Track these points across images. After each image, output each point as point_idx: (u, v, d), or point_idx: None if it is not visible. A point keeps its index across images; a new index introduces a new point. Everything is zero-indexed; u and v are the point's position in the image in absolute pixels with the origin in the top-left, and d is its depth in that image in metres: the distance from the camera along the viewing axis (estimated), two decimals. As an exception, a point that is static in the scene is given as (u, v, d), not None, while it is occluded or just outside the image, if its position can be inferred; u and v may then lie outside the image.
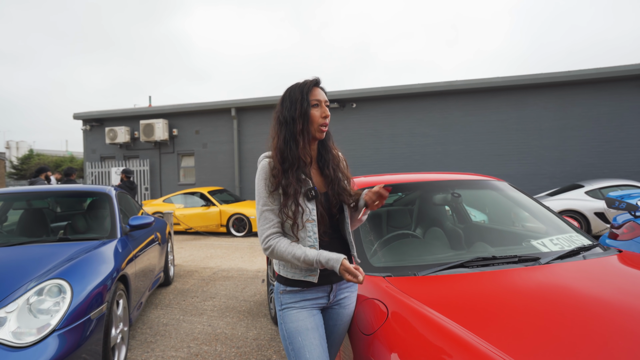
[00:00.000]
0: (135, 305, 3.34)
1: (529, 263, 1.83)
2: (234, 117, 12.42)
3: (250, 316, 3.87)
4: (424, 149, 11.13)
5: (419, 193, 2.91)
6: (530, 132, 10.38)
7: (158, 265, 4.43)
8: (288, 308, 1.50)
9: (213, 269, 5.97)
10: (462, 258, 1.89)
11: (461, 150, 10.85)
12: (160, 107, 13.32)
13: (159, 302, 4.37)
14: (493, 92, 10.61)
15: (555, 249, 2.08)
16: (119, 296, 2.78)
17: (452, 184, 2.77)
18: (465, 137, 10.81)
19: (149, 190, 13.39)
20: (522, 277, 1.75)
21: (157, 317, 3.91)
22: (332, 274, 1.51)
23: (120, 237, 3.32)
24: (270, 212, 1.44)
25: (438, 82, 10.75)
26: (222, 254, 7.26)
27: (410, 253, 2.16)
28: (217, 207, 9.84)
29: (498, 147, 10.59)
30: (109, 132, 13.09)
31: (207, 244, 8.48)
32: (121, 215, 3.63)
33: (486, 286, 1.63)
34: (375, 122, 11.52)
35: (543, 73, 10.05)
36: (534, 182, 10.34)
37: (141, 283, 3.56)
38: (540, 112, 10.30)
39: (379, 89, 11.22)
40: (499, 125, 10.58)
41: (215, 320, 3.79)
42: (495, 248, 2.19)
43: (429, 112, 11.10)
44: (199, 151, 13.07)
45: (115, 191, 3.89)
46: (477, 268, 1.78)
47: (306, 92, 1.47)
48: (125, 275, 2.97)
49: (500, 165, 10.58)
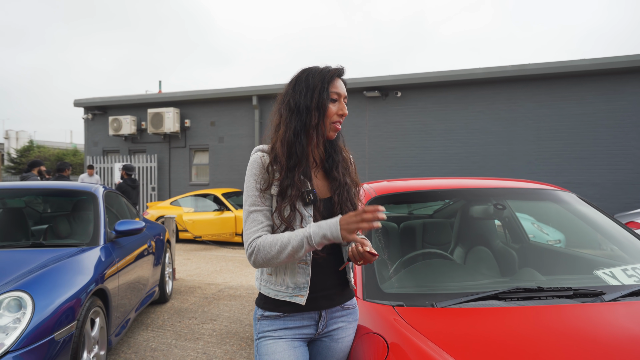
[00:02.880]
0: (118, 325, 3.43)
1: (587, 299, 1.70)
2: (256, 107, 12.59)
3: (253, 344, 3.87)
4: (485, 149, 10.78)
5: (460, 204, 2.80)
6: (624, 129, 9.79)
7: (151, 278, 4.55)
8: (264, 337, 1.49)
9: (219, 286, 6.06)
10: (498, 287, 1.79)
11: (532, 152, 10.42)
12: (171, 94, 13.72)
13: (150, 323, 4.47)
14: (576, 79, 10.11)
15: (629, 282, 1.92)
16: (94, 314, 2.86)
17: (501, 192, 2.65)
18: (538, 135, 10.37)
19: (156, 190, 13.85)
20: (575, 316, 1.62)
21: (145, 340, 4.00)
22: (321, 298, 1.48)
23: (103, 245, 3.43)
24: (259, 214, 1.43)
25: (504, 66, 10.39)
26: (233, 268, 7.37)
27: (435, 278, 2.07)
28: (233, 212, 10.00)
29: (581, 148, 10.06)
30: (113, 122, 13.67)
31: (218, 256, 8.64)
32: (107, 219, 3.75)
33: (522, 326, 1.53)
34: (424, 115, 11.30)
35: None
36: (630, 194, 9.74)
37: (126, 299, 3.65)
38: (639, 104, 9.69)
39: (430, 74, 11.00)
40: (583, 120, 10.06)
41: (212, 347, 3.83)
42: (548, 277, 2.05)
43: (492, 104, 10.74)
44: (214, 146, 13.37)
45: (103, 191, 4.03)
46: (515, 301, 1.67)
47: (327, 81, 1.46)
48: (104, 289, 3.06)
49: (583, 171, 10.05)
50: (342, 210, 1.50)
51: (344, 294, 1.55)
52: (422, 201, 2.86)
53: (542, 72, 10.13)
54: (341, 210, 1.50)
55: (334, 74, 1.48)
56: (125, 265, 3.63)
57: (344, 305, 1.55)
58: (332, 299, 1.51)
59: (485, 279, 2.16)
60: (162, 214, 10.31)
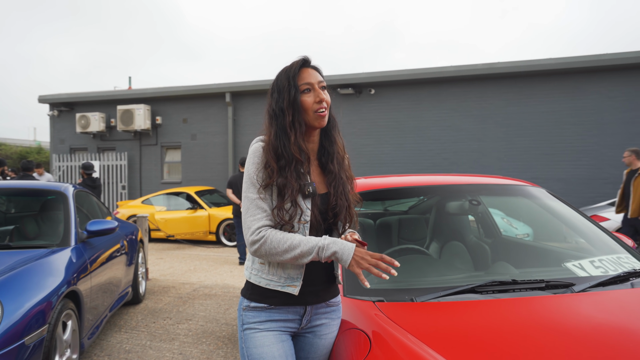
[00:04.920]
0: (91, 327, 3.35)
1: (558, 290, 1.76)
2: (229, 104, 12.47)
3: (231, 343, 3.85)
4: (456, 146, 10.99)
5: (435, 199, 2.85)
6: (587, 127, 10.14)
7: (124, 279, 4.45)
8: (251, 329, 1.49)
9: (194, 285, 5.99)
10: (474, 281, 1.83)
11: (501, 148, 10.67)
12: (142, 90, 13.44)
13: (123, 324, 4.39)
14: (543, 77, 10.40)
15: (596, 273, 2.00)
16: (66, 317, 2.79)
17: (475, 188, 2.71)
18: (507, 132, 10.63)
19: (127, 188, 13.56)
20: (547, 307, 1.68)
21: (119, 341, 3.92)
22: (307, 293, 1.49)
23: (74, 245, 3.34)
24: (263, 202, 1.44)
25: (475, 65, 10.60)
26: (208, 267, 7.30)
27: (413, 273, 2.11)
28: (206, 210, 9.91)
29: (548, 145, 10.38)
30: (81, 119, 13.29)
31: (192, 255, 8.54)
32: (78, 219, 3.65)
33: (499, 318, 1.57)
34: (397, 112, 11.42)
35: (607, 54, 9.81)
36: (593, 188, 10.10)
37: (99, 301, 3.57)
38: (602, 102, 10.05)
39: (403, 72, 11.12)
40: (549, 117, 10.37)
41: (188, 347, 3.79)
42: (521, 270, 2.12)
43: (464, 101, 10.95)
44: (186, 143, 13.18)
45: (73, 190, 3.91)
46: (491, 294, 1.71)
47: (293, 77, 1.48)
48: (76, 291, 2.98)
49: (550, 167, 10.37)
50: (338, 204, 1.51)
51: (329, 291, 1.56)
52: (399, 198, 2.90)
53: (510, 70, 10.38)
54: (336, 204, 1.51)
55: (297, 66, 1.49)
56: (97, 266, 3.55)
57: (328, 302, 1.56)
58: (318, 295, 1.52)
59: (461, 273, 2.20)
60: (133, 213, 10.10)
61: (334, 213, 1.52)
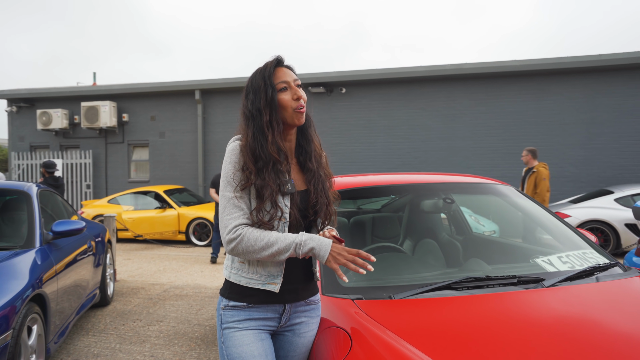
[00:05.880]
0: (57, 331, 3.24)
1: (529, 285, 1.82)
2: (199, 101, 12.28)
3: (204, 344, 3.80)
4: (426, 145, 11.18)
5: (408, 198, 2.89)
6: (551, 127, 10.51)
7: (92, 281, 4.33)
8: (230, 328, 1.49)
9: (164, 286, 5.88)
10: (450, 277, 1.87)
11: (469, 147, 10.93)
12: (108, 86, 13.08)
13: (91, 327, 4.26)
14: (509, 79, 10.71)
15: (564, 268, 2.07)
16: (32, 321, 2.69)
17: (447, 187, 2.76)
18: (475, 132, 10.89)
19: (92, 188, 13.17)
20: (520, 302, 1.73)
21: (86, 345, 3.81)
22: (287, 291, 1.50)
23: (39, 247, 3.22)
24: (240, 200, 1.44)
25: (444, 65, 10.80)
26: (178, 267, 7.17)
27: (390, 271, 2.13)
28: (175, 209, 9.75)
29: (513, 144, 10.69)
30: (42, 116, 12.81)
31: (161, 255, 8.37)
32: (43, 220, 3.52)
33: (474, 313, 1.61)
34: (368, 111, 11.52)
35: (568, 57, 10.17)
36: (555, 186, 10.46)
37: (66, 304, 3.45)
38: (564, 104, 10.43)
39: (374, 71, 11.22)
40: (515, 117, 10.68)
41: (159, 349, 3.71)
42: (493, 266, 2.17)
43: (433, 101, 11.14)
44: (154, 141, 12.91)
45: (37, 189, 3.77)
46: (466, 290, 1.75)
47: (268, 77, 1.48)
48: (42, 294, 2.88)
49: (515, 166, 10.67)
50: (318, 202, 1.52)
51: (308, 289, 1.56)
52: (376, 196, 2.92)
53: (479, 71, 10.63)
54: (317, 202, 1.52)
55: (272, 66, 1.50)
56: (64, 267, 3.43)
57: (307, 301, 1.56)
58: (297, 294, 1.53)
59: (436, 270, 2.25)
60: (99, 213, 9.83)
61: (314, 211, 1.53)
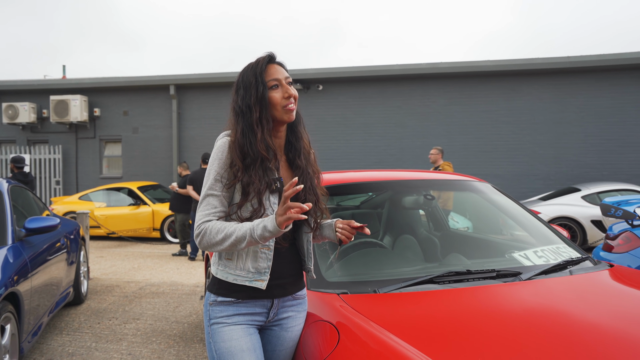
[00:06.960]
0: (31, 331, 3.16)
1: (508, 279, 1.88)
2: (174, 97, 12.09)
3: (183, 341, 3.77)
4: (401, 142, 11.31)
5: (388, 194, 2.93)
6: (522, 126, 10.79)
7: (65, 279, 4.23)
8: (219, 324, 1.49)
9: (139, 284, 5.79)
10: (432, 272, 1.92)
11: (443, 145, 11.09)
12: (78, 80, 12.72)
13: (65, 326, 4.16)
14: (481, 78, 10.93)
15: (539, 262, 2.15)
16: (5, 320, 2.63)
17: (426, 184, 2.82)
18: (448, 130, 11.08)
19: (61, 184, 12.80)
20: (499, 295, 1.79)
21: (60, 344, 3.72)
22: (275, 287, 1.51)
23: (11, 244, 3.13)
24: (215, 199, 1.44)
25: (419, 64, 10.94)
26: (153, 265, 7.07)
27: (373, 266, 2.17)
28: (149, 206, 9.59)
29: (485, 143, 10.93)
30: (8, 109, 12.36)
31: (135, 252, 8.23)
32: (15, 217, 3.42)
33: (457, 306, 1.66)
34: (345, 109, 11.57)
35: (538, 58, 10.46)
36: (526, 184, 10.77)
37: (40, 302, 3.37)
38: (534, 104, 10.72)
39: (351, 69, 11.27)
40: (487, 117, 10.92)
41: (137, 347, 3.66)
42: (472, 260, 2.24)
43: (408, 99, 11.28)
44: (127, 137, 12.63)
45: (8, 185, 3.66)
46: (448, 284, 1.80)
47: (260, 73, 1.47)
48: (16, 293, 2.80)
49: (487, 164, 10.93)
50: (307, 198, 1.53)
51: (296, 284, 1.58)
52: (357, 193, 2.95)
53: (452, 70, 10.82)
54: (305, 199, 1.52)
55: (264, 62, 1.50)
56: (37, 265, 3.34)
57: (295, 295, 1.58)
58: (285, 289, 1.54)
59: (416, 264, 2.30)
60: (70, 210, 9.58)
61: None
